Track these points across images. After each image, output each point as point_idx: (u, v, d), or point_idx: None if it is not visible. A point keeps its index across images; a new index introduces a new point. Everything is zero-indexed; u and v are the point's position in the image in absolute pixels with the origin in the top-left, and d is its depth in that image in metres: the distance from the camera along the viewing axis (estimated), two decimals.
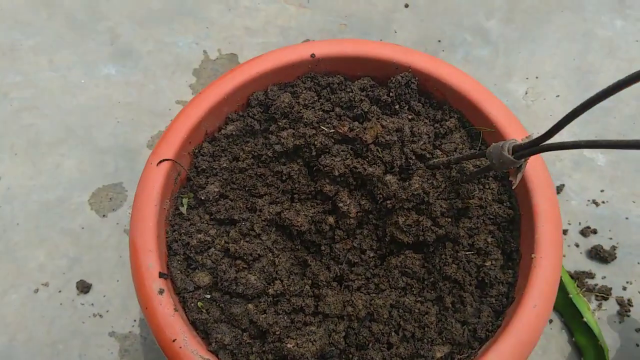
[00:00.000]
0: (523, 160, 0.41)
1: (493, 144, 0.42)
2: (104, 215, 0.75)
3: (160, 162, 0.50)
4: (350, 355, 0.46)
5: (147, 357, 0.67)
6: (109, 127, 0.80)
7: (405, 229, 0.50)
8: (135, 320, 0.69)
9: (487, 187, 0.52)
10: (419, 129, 0.53)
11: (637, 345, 0.67)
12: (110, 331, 0.69)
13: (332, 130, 0.52)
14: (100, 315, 0.70)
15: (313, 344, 0.45)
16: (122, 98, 0.83)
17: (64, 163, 0.78)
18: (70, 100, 0.82)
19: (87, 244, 0.73)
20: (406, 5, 0.89)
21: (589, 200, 0.75)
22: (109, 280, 0.71)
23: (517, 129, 0.50)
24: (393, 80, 0.54)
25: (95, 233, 0.74)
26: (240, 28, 0.88)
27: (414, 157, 0.52)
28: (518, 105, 0.81)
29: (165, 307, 0.45)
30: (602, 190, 0.76)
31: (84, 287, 0.70)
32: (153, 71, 0.85)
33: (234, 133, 0.54)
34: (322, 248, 0.52)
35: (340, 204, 0.51)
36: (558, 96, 0.82)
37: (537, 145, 0.38)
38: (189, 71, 0.85)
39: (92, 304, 0.70)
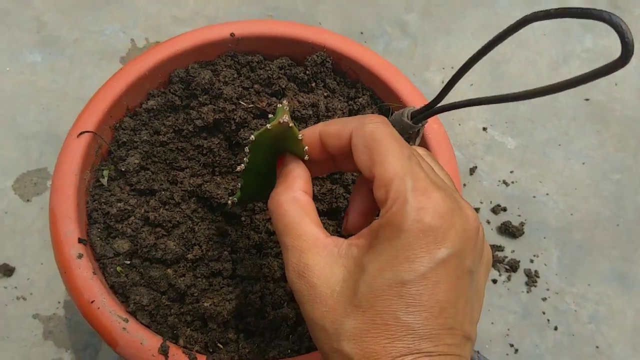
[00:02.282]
0: (421, 124, 0.44)
1: (395, 112, 0.46)
2: (28, 200, 0.75)
3: (81, 133, 0.51)
4: (266, 314, 0.48)
5: (71, 338, 0.68)
6: (33, 113, 0.80)
7: (320, 197, 0.53)
8: (59, 302, 0.69)
9: None
10: (333, 105, 0.56)
11: (543, 312, 0.72)
12: (34, 313, 0.69)
13: (251, 105, 0.54)
14: (23, 298, 0.69)
15: (230, 303, 0.47)
16: (47, 85, 0.83)
17: None
18: None
19: (11, 228, 0.73)
20: None
21: (499, 181, 0.80)
22: (33, 264, 0.71)
23: (421, 100, 0.54)
24: (309, 59, 0.57)
25: (19, 218, 0.74)
26: (168, 17, 0.89)
27: None
28: (435, 93, 0.85)
29: (84, 271, 0.46)
30: (511, 172, 0.81)
31: (6, 270, 0.70)
32: (79, 59, 0.85)
33: (154, 107, 0.55)
34: (243, 219, 0.54)
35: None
36: (472, 85, 0.87)
37: (431, 108, 0.42)
38: (116, 59, 0.85)
39: (16, 287, 0.70)
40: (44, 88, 0.82)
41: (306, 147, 0.38)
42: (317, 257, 0.33)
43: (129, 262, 0.49)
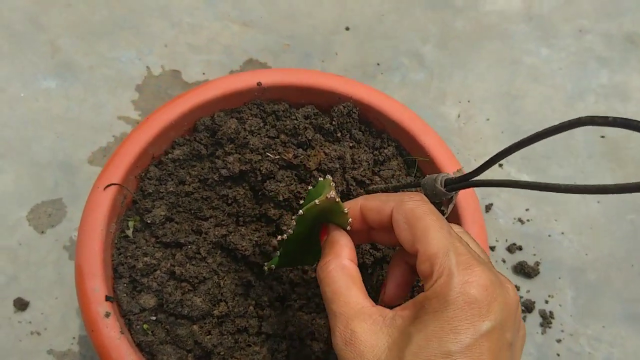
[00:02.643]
0: (454, 192, 0.44)
1: (427, 175, 0.46)
2: (42, 232, 0.74)
3: (107, 186, 0.51)
4: None
5: None
6: (48, 141, 0.80)
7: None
8: (74, 338, 0.69)
9: None
10: (359, 156, 0.56)
11: (558, 355, 0.72)
12: (48, 349, 0.68)
13: (277, 157, 0.54)
14: (38, 333, 0.69)
15: None
16: (62, 112, 0.82)
17: (1, 178, 0.76)
18: (8, 114, 0.81)
19: (25, 260, 0.73)
20: (347, 28, 0.92)
21: (515, 219, 0.80)
22: (47, 298, 0.71)
23: (450, 159, 0.54)
24: (336, 110, 0.57)
25: (34, 250, 0.73)
26: (184, 45, 0.89)
27: (354, 184, 0.55)
28: (451, 127, 0.86)
29: (111, 330, 0.46)
30: (527, 209, 0.81)
31: (21, 305, 0.70)
32: (94, 85, 0.84)
33: (180, 157, 0.55)
34: (265, 269, 0.54)
35: (284, 227, 0.53)
36: (488, 119, 0.87)
37: (466, 181, 0.42)
38: (131, 87, 0.85)
39: (30, 322, 0.69)
40: (59, 116, 0.82)
41: (350, 219, 0.40)
42: (364, 324, 0.34)
43: (154, 318, 0.49)
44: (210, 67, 0.87)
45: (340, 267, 0.38)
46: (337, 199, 0.38)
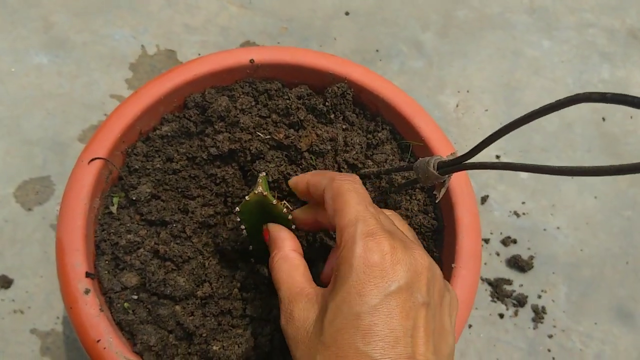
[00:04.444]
0: (447, 175, 0.43)
1: (420, 158, 0.44)
2: (29, 209, 0.73)
3: (92, 160, 0.49)
4: (275, 358, 0.47)
5: (69, 355, 0.66)
6: (38, 118, 0.78)
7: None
8: (58, 318, 0.68)
9: (414, 198, 0.54)
10: (352, 139, 0.54)
11: (549, 350, 0.71)
12: (31, 328, 0.67)
13: (268, 137, 0.53)
14: (21, 312, 0.68)
15: (239, 347, 0.46)
16: (53, 89, 0.80)
17: None
18: None
19: (11, 237, 0.71)
20: (347, 13, 0.90)
21: (510, 211, 0.79)
22: (32, 276, 0.70)
23: (445, 143, 0.53)
24: (329, 90, 0.55)
25: (20, 227, 0.72)
26: (180, 25, 0.87)
27: (346, 167, 0.53)
28: (449, 117, 0.84)
29: (91, 307, 0.44)
30: (523, 202, 0.80)
31: (5, 282, 0.68)
32: (87, 63, 0.83)
33: (169, 134, 0.54)
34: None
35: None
36: (487, 110, 0.85)
37: (459, 164, 0.40)
38: (125, 65, 0.83)
39: (13, 300, 0.68)
40: (50, 92, 0.80)
41: (291, 217, 0.46)
42: (300, 304, 0.38)
43: (136, 297, 0.48)
44: (205, 48, 0.86)
45: (284, 258, 0.42)
46: (265, 193, 0.43)
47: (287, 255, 0.43)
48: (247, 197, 0.44)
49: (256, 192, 0.43)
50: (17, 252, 0.70)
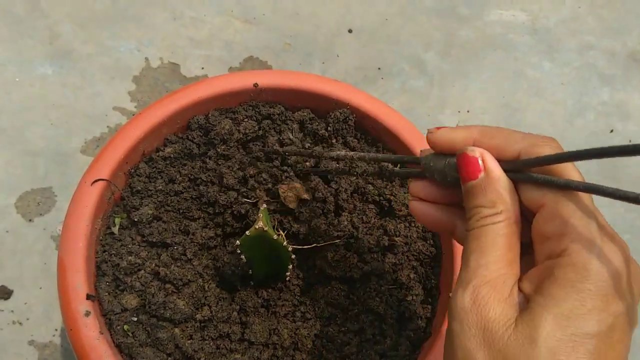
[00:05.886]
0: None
1: (433, 154, 0.38)
2: (30, 220, 0.73)
3: (95, 181, 0.50)
4: None
5: None
6: (41, 128, 0.79)
7: (333, 264, 0.52)
8: (56, 330, 0.68)
9: (413, 225, 0.54)
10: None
11: None
12: (29, 340, 0.68)
13: (254, 200, 0.54)
14: (20, 323, 0.68)
15: None
16: (57, 99, 0.81)
17: None
18: (2, 98, 0.80)
19: (11, 248, 0.72)
20: (350, 31, 0.91)
21: None
22: (31, 287, 0.70)
23: None
24: (332, 116, 0.56)
25: (21, 238, 0.72)
26: (185, 38, 0.88)
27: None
28: None
29: (91, 330, 0.45)
30: None
31: (4, 293, 0.69)
32: (92, 74, 0.83)
33: (171, 155, 0.54)
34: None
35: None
36: None
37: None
38: (128, 77, 0.84)
39: (12, 311, 0.69)
40: (54, 103, 0.81)
41: (291, 251, 0.47)
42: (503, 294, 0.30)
43: (136, 319, 0.48)
44: (209, 63, 0.86)
45: (509, 223, 0.32)
46: (266, 228, 0.43)
47: (512, 219, 0.32)
48: (247, 232, 0.44)
49: (257, 227, 0.44)
50: (18, 263, 0.71)
